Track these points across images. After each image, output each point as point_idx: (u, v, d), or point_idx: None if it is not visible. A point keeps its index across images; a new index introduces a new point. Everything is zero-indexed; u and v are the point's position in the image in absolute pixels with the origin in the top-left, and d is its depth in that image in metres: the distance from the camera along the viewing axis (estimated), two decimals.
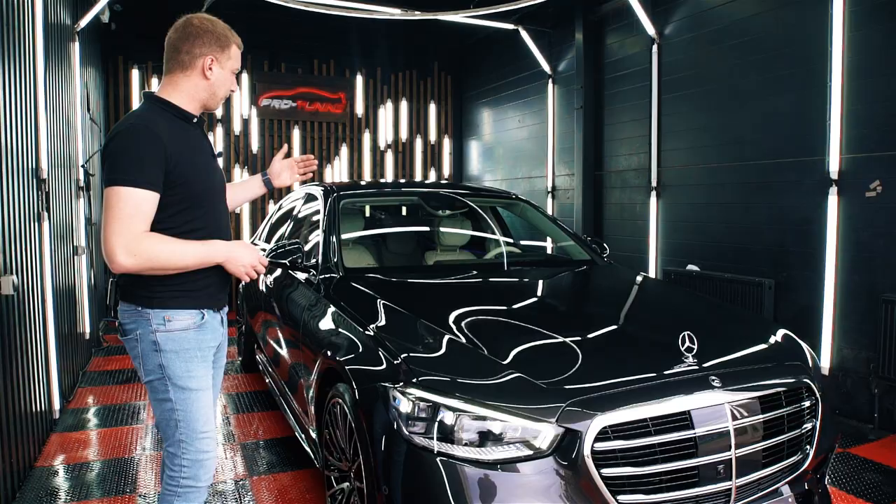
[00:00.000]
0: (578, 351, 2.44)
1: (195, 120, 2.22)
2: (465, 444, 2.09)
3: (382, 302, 2.94)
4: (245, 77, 8.70)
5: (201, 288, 2.17)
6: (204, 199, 2.19)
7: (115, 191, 1.96)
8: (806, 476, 2.45)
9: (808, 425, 2.46)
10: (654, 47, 6.09)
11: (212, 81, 2.17)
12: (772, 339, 2.78)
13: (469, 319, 2.75)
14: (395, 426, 2.19)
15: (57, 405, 4.33)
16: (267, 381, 4.63)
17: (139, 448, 4.02)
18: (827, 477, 2.69)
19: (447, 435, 2.11)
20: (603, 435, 2.05)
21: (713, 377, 2.26)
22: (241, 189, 2.72)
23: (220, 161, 2.41)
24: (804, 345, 2.84)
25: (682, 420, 2.15)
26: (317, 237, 3.82)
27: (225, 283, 2.29)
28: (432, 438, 2.11)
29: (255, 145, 8.84)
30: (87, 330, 5.80)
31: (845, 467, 3.76)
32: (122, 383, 5.36)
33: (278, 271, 4.29)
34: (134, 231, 1.95)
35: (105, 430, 4.33)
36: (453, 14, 6.69)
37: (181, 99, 2.17)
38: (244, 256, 2.18)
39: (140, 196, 1.97)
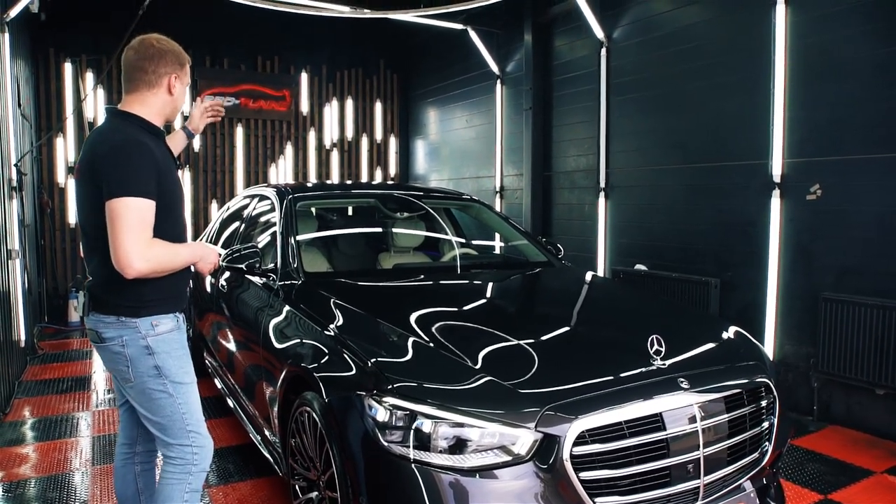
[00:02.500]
0: (551, 354, 2.47)
1: (162, 135, 2.42)
2: (443, 452, 2.08)
3: (347, 307, 2.90)
4: None
5: (175, 294, 2.40)
6: (175, 207, 2.40)
7: (123, 202, 2.12)
8: (764, 471, 2.55)
9: (767, 423, 2.56)
10: (603, 50, 6.21)
11: (175, 97, 2.39)
12: (730, 339, 2.87)
13: (437, 324, 2.74)
14: (371, 435, 2.16)
15: None
16: (219, 386, 4.50)
17: (82, 461, 3.85)
18: None
19: (424, 443, 2.09)
20: (580, 439, 2.08)
21: (681, 379, 2.32)
22: (175, 144, 2.94)
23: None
24: (759, 344, 2.95)
25: (655, 422, 2.19)
26: (272, 240, 3.74)
27: (186, 286, 2.55)
28: (409, 447, 2.10)
29: (196, 143, 8.58)
30: (23, 337, 5.51)
31: (789, 458, 3.93)
32: (61, 393, 5.12)
33: (228, 274, 4.18)
34: (146, 238, 2.15)
35: (46, 444, 4.12)
36: (403, 13, 6.65)
37: (149, 114, 2.35)
38: (210, 255, 2.47)
39: (146, 205, 2.16)
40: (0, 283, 4.66)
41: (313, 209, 4.67)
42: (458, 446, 2.08)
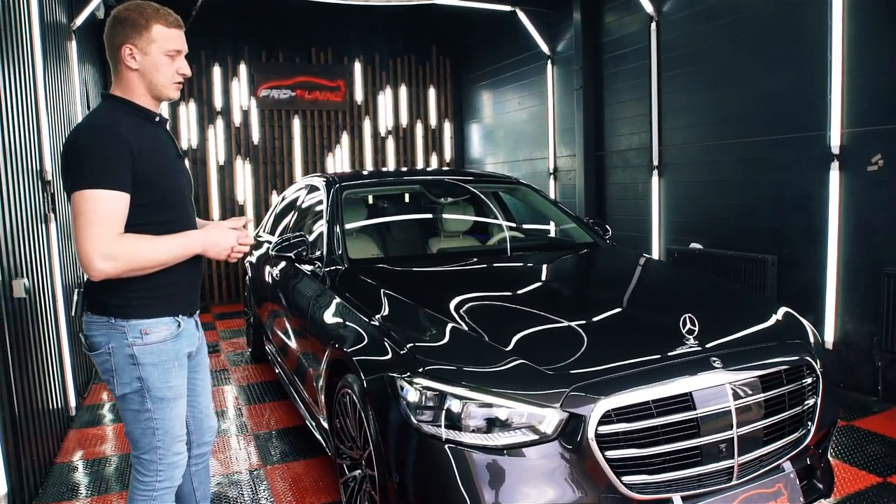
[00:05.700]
0: (581, 335, 2.47)
1: (157, 119, 2.16)
2: (473, 431, 2.14)
3: (387, 292, 2.99)
4: (243, 68, 8.70)
5: (175, 293, 2.14)
6: (171, 199, 2.14)
7: (83, 195, 1.88)
8: (808, 451, 2.50)
9: (810, 402, 2.49)
10: (653, 25, 6.06)
11: (141, 70, 2.05)
12: (773, 318, 2.81)
13: (473, 306, 2.79)
14: (404, 415, 2.24)
15: (73, 402, 4.41)
16: (276, 370, 4.69)
17: None
18: (830, 450, 2.73)
19: (454, 422, 2.15)
20: (606, 418, 2.09)
21: (714, 358, 2.30)
22: None
23: (187, 161, 2.35)
24: (806, 322, 2.87)
25: (684, 401, 2.18)
26: (320, 228, 3.86)
27: (196, 285, 2.27)
28: (440, 426, 2.16)
29: (255, 136, 8.86)
30: None
31: (849, 440, 3.81)
32: None
33: (283, 263, 4.34)
34: (109, 234, 1.89)
35: (120, 425, 4.38)
36: None
37: (132, 94, 2.09)
38: (221, 241, 2.14)
39: (111, 198, 1.90)
40: (75, 277, 4.98)
41: (362, 197, 4.79)
42: (488, 425, 2.14)
